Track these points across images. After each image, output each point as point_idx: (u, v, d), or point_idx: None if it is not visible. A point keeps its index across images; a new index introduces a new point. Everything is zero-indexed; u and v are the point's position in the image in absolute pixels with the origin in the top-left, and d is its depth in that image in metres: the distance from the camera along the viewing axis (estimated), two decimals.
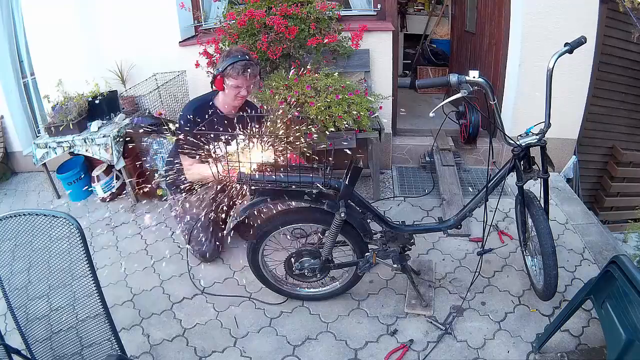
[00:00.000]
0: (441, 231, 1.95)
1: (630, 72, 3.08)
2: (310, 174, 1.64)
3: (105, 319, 1.50)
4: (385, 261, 1.90)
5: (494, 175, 1.80)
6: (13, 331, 1.69)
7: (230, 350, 1.88)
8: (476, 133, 3.10)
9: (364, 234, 1.83)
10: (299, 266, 1.90)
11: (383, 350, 1.81)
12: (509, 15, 2.94)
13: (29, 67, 3.69)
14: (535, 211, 1.76)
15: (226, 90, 2.03)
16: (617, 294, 1.33)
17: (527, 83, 2.90)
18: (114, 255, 2.59)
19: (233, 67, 1.94)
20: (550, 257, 1.70)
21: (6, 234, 1.46)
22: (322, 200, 1.68)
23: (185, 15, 3.15)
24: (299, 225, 1.93)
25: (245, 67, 1.94)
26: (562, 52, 1.66)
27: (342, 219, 1.69)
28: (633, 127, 3.29)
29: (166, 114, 2.99)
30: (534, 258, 2.00)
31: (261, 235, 1.85)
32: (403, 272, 1.95)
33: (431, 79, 1.70)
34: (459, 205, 2.61)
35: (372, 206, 1.83)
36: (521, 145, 1.70)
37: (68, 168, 3.24)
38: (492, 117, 1.66)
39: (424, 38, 5.46)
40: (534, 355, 1.74)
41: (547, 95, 1.67)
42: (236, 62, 1.94)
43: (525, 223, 1.95)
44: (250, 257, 1.91)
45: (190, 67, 2.96)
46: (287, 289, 2.08)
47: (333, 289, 2.05)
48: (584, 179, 3.32)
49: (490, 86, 1.58)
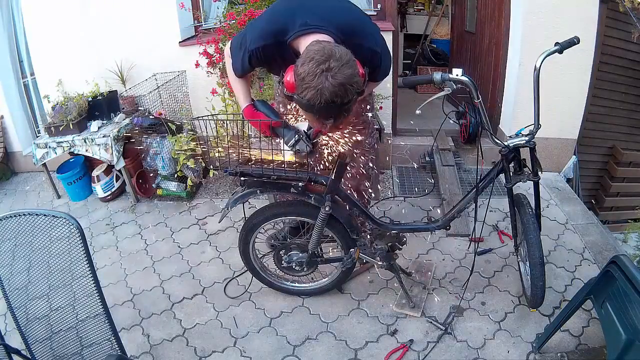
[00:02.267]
0: (429, 231, 1.94)
1: (630, 72, 3.08)
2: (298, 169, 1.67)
3: (105, 319, 1.50)
4: (372, 259, 1.91)
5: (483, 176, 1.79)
6: (13, 331, 1.69)
7: (230, 350, 1.88)
8: (476, 133, 3.10)
9: (351, 230, 1.84)
10: (287, 259, 1.93)
11: (383, 350, 1.81)
12: (509, 15, 2.94)
13: (29, 67, 3.69)
14: (526, 218, 1.71)
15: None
16: (617, 294, 1.33)
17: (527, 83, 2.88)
18: (114, 255, 2.59)
19: (310, 108, 1.28)
20: (538, 267, 1.66)
21: (6, 234, 1.46)
22: (310, 194, 1.72)
23: (185, 15, 3.15)
24: (287, 218, 1.94)
25: (328, 117, 1.30)
26: (550, 52, 1.61)
27: (327, 212, 1.72)
28: (633, 127, 3.29)
29: (166, 114, 2.99)
30: (525, 264, 1.96)
31: (251, 228, 1.88)
32: (391, 271, 1.96)
33: (416, 76, 1.70)
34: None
35: (358, 202, 1.84)
36: (508, 146, 1.67)
37: (68, 168, 3.24)
38: (479, 116, 1.65)
39: (424, 38, 5.46)
40: (534, 355, 1.74)
41: (535, 95, 1.63)
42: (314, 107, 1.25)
43: (516, 227, 1.93)
44: (242, 248, 1.95)
45: (190, 67, 2.96)
46: (275, 281, 2.10)
47: (321, 285, 2.08)
48: (584, 179, 3.31)
49: (474, 84, 1.55)
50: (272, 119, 1.56)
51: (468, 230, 2.47)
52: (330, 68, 1.19)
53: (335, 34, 1.39)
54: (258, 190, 1.75)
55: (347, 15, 1.50)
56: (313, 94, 1.20)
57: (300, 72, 1.23)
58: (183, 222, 2.83)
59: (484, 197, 1.82)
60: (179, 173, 3.01)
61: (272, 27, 1.45)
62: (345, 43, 1.34)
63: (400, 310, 1.98)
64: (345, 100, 1.23)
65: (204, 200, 3.08)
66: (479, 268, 2.20)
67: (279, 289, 2.12)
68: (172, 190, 3.05)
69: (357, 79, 1.25)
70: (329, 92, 1.20)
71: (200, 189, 3.21)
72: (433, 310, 1.98)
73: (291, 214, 1.87)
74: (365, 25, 1.53)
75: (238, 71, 1.61)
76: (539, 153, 1.74)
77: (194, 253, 2.53)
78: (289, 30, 1.41)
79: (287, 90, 1.31)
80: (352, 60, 1.25)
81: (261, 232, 1.97)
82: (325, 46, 1.23)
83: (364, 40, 1.47)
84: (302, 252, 1.92)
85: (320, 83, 1.19)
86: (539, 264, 1.66)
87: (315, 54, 1.21)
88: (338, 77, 1.19)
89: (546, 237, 2.37)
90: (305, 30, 1.38)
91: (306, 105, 1.25)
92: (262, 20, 1.55)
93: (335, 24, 1.40)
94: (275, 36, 1.44)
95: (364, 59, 1.37)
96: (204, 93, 3.01)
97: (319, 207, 1.74)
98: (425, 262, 2.27)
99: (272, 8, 1.56)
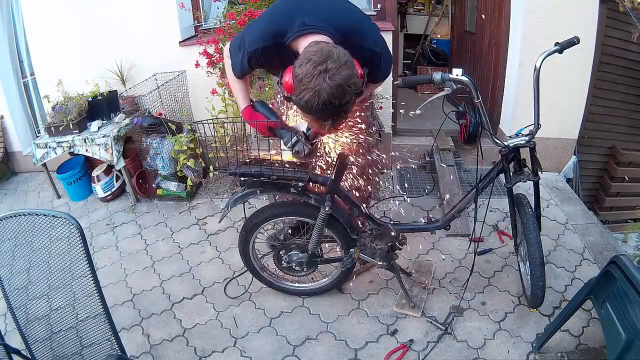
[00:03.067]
0: (429, 231, 1.94)
1: (630, 72, 3.08)
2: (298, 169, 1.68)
3: (105, 319, 1.50)
4: (372, 259, 1.91)
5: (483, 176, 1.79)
6: (13, 331, 1.69)
7: (230, 350, 1.88)
8: (476, 133, 3.10)
9: (351, 230, 1.84)
10: (287, 259, 1.93)
11: (383, 350, 1.81)
12: (509, 15, 2.94)
13: (29, 67, 3.69)
14: (526, 218, 1.71)
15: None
16: (617, 294, 1.33)
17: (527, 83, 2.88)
18: (114, 255, 2.59)
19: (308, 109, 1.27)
20: (538, 268, 1.66)
21: (6, 234, 1.46)
22: (309, 194, 1.73)
23: (185, 15, 3.15)
24: (288, 218, 1.94)
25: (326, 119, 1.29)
26: (550, 52, 1.61)
27: (327, 212, 1.72)
28: (633, 127, 3.29)
29: (166, 114, 2.99)
30: (524, 264, 1.97)
31: (251, 228, 1.88)
32: (391, 271, 1.96)
33: (416, 76, 1.70)
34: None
35: (358, 202, 1.84)
36: (508, 146, 1.67)
37: (68, 168, 3.24)
38: (479, 116, 1.65)
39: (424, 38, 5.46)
40: (534, 355, 1.74)
41: (535, 95, 1.63)
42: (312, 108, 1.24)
43: (516, 227, 1.93)
44: (242, 248, 1.95)
45: (190, 67, 2.96)
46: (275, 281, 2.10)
47: (321, 285, 2.08)
48: (584, 179, 3.31)
49: (474, 84, 1.55)
50: (271, 119, 1.56)
51: (468, 230, 2.47)
52: (327, 69, 1.18)
53: (334, 34, 1.38)
54: (258, 190, 1.76)
55: (346, 15, 1.50)
56: (311, 95, 1.20)
57: (298, 74, 1.22)
58: (183, 222, 2.83)
59: (484, 197, 1.82)
60: (179, 173, 3.01)
61: (271, 28, 1.45)
62: (344, 44, 1.33)
63: (400, 310, 1.98)
64: (343, 101, 1.23)
65: (204, 200, 3.08)
66: (479, 268, 2.20)
67: (279, 289, 2.12)
68: (172, 190, 3.05)
69: (356, 80, 1.24)
70: (327, 94, 1.19)
71: (200, 189, 3.21)
72: (433, 310, 1.98)
73: (291, 214, 1.87)
74: (364, 25, 1.52)
75: (237, 72, 1.60)
76: (539, 153, 1.74)
77: (194, 253, 2.53)
78: (287, 31, 1.41)
79: (286, 92, 1.30)
80: (350, 61, 1.24)
81: (261, 232, 1.97)
82: (323, 47, 1.22)
83: (363, 40, 1.46)
84: (302, 252, 1.92)
85: (318, 84, 1.18)
86: (539, 264, 1.66)
87: (313, 55, 1.20)
88: (336, 79, 1.19)
89: (546, 237, 2.37)
90: (304, 31, 1.38)
91: (304, 106, 1.24)
92: (261, 21, 1.54)
93: (334, 25, 1.40)
94: (274, 38, 1.43)
95: (363, 59, 1.36)
96: (204, 93, 3.01)
97: (319, 207, 1.74)
98: (425, 262, 2.27)
99: (271, 9, 1.56)
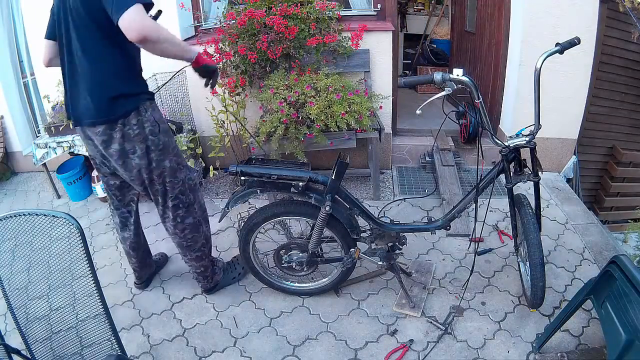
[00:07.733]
0: (429, 231, 1.94)
1: (630, 72, 3.08)
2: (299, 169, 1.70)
3: (105, 319, 1.50)
4: (372, 258, 1.91)
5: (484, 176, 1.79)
6: (13, 331, 1.69)
7: (230, 350, 1.88)
8: (476, 133, 3.10)
9: (351, 230, 1.84)
10: (288, 259, 1.93)
11: (383, 350, 1.81)
12: (509, 15, 2.94)
13: (29, 67, 3.69)
14: (526, 219, 1.71)
15: None
16: (617, 294, 1.33)
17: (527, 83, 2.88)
18: (114, 255, 2.59)
19: None
20: (538, 268, 1.67)
21: (6, 234, 1.46)
22: (310, 194, 1.73)
23: (185, 15, 3.15)
24: (288, 217, 1.94)
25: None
26: (551, 52, 1.61)
27: (327, 212, 1.72)
28: (633, 127, 3.29)
29: (166, 114, 2.99)
30: (525, 264, 1.97)
31: (251, 227, 1.88)
32: (391, 271, 1.96)
33: (416, 76, 1.70)
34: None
35: (359, 202, 1.84)
36: (508, 146, 1.67)
37: (68, 168, 3.24)
38: (479, 116, 1.65)
39: (424, 38, 5.47)
40: (534, 355, 1.74)
41: (536, 96, 1.63)
42: None
43: (516, 227, 1.93)
44: (242, 248, 1.96)
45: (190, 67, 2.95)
46: (275, 281, 2.10)
47: (321, 285, 2.08)
48: (584, 179, 3.32)
49: (474, 85, 1.55)
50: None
51: (468, 230, 2.47)
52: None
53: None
54: (258, 190, 1.76)
55: None
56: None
57: None
58: None
59: (484, 197, 1.82)
60: None
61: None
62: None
63: (400, 310, 1.98)
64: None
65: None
66: (479, 268, 2.20)
67: (279, 289, 2.12)
68: None
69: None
70: None
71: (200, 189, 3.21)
72: (433, 310, 1.98)
73: (291, 213, 1.87)
74: None
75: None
76: (539, 153, 1.74)
77: None
78: None
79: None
80: None
81: (261, 232, 1.97)
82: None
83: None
84: (302, 252, 1.92)
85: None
86: (539, 264, 1.66)
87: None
88: None
89: (546, 237, 2.37)
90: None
91: None
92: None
93: None
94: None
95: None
96: (204, 93, 2.99)
97: (319, 207, 1.74)
98: (425, 262, 2.27)
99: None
